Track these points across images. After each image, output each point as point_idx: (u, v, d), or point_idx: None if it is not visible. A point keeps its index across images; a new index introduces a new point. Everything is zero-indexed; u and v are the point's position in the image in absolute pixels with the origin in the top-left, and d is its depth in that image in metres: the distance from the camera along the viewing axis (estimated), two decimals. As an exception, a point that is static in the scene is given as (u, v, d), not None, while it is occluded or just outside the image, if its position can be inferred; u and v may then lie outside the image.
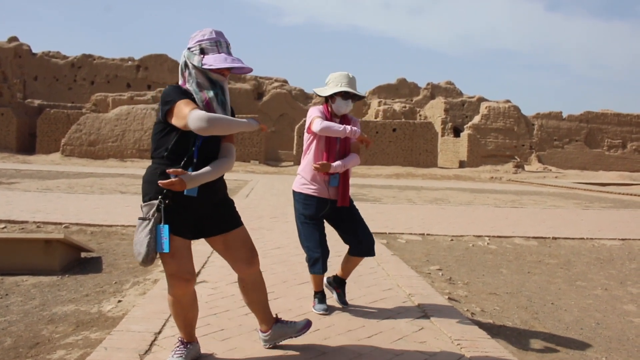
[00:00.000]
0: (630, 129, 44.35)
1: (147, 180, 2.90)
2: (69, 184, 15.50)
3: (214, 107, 2.84)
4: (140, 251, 2.77)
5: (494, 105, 37.71)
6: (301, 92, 45.11)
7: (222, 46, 2.86)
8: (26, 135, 34.38)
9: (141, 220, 2.81)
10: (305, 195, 4.03)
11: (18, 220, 8.06)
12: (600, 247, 8.30)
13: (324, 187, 4.03)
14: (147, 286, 4.92)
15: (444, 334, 3.67)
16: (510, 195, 18.03)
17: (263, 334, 3.30)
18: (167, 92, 2.83)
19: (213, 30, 2.87)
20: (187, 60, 2.87)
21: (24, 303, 4.42)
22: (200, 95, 2.83)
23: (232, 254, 3.09)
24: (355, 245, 4.11)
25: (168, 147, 2.83)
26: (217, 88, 2.87)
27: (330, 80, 4.08)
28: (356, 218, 4.14)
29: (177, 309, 2.94)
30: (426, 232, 8.65)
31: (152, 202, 2.80)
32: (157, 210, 2.78)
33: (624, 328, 4.47)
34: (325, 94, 4.03)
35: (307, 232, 4.02)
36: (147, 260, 2.77)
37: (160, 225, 2.78)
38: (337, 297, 4.29)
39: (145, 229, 2.78)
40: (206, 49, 2.84)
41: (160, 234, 2.77)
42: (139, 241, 2.79)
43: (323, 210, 4.04)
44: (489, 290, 5.44)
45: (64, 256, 5.56)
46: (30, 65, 44.71)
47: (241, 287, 3.22)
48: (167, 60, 44.95)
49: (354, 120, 4.20)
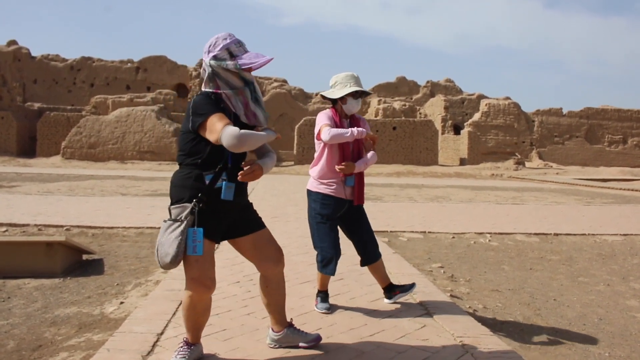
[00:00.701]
0: (630, 125, 44.30)
1: (179, 184, 2.92)
2: (69, 187, 15.51)
3: (252, 107, 2.94)
4: (168, 252, 2.77)
5: (493, 102, 37.69)
6: (301, 91, 45.09)
7: (244, 45, 2.95)
8: (26, 139, 34.39)
9: (171, 222, 2.83)
10: (323, 195, 4.04)
11: (19, 223, 8.06)
12: (602, 242, 8.29)
13: (341, 187, 4.06)
14: (149, 287, 4.92)
15: (447, 331, 3.67)
16: (511, 192, 18.02)
17: (275, 333, 3.30)
18: (199, 104, 2.86)
19: (229, 33, 2.95)
20: (215, 68, 2.91)
21: (26, 306, 4.42)
22: (239, 97, 2.92)
23: (260, 253, 3.13)
24: (361, 252, 4.20)
25: (204, 155, 2.87)
26: (250, 85, 2.96)
27: (337, 82, 4.10)
28: (364, 221, 4.20)
29: (191, 312, 2.94)
30: (427, 230, 8.65)
31: (185, 204, 2.83)
32: (190, 213, 2.80)
33: (627, 323, 4.47)
34: (337, 95, 4.05)
35: (323, 232, 4.03)
36: (174, 261, 2.77)
37: (194, 228, 2.80)
38: (405, 292, 4.27)
39: (176, 231, 2.79)
40: (234, 51, 2.91)
41: (194, 237, 2.79)
42: (166, 242, 2.79)
43: (341, 210, 4.08)
44: (491, 287, 5.44)
45: (65, 259, 5.56)
46: (29, 68, 44.71)
47: (264, 287, 3.23)
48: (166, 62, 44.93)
49: (363, 120, 4.24)
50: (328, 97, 4.11)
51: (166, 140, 30.87)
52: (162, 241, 2.81)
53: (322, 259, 4.02)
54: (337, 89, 4.07)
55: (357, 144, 4.11)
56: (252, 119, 2.96)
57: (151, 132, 31.18)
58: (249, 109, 2.94)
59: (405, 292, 4.27)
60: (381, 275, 4.31)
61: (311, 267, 5.60)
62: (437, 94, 45.91)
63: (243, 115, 2.94)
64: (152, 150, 30.97)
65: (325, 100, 4.19)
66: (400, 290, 4.29)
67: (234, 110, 2.92)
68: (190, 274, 2.85)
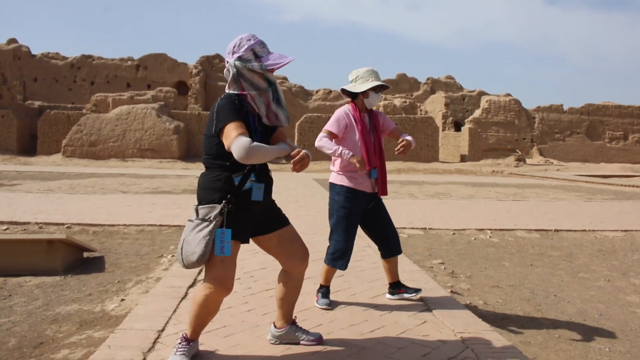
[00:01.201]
0: (631, 121, 44.24)
1: (208, 187, 2.93)
2: (70, 185, 15.52)
3: (274, 107, 2.99)
4: (195, 250, 2.79)
5: (494, 99, 37.64)
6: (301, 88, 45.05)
7: (266, 46, 3.01)
8: (27, 137, 34.39)
9: (198, 221, 2.84)
10: (348, 188, 4.07)
11: (20, 221, 8.07)
12: (603, 238, 8.29)
13: (366, 180, 4.10)
14: (150, 284, 4.93)
15: (447, 327, 3.67)
16: (511, 189, 18.02)
17: (276, 329, 3.31)
18: (221, 108, 2.90)
19: (252, 34, 2.99)
20: (240, 69, 2.94)
21: (27, 303, 4.43)
22: (262, 98, 2.96)
23: (287, 249, 3.17)
24: (384, 245, 4.22)
25: (232, 158, 2.88)
26: (273, 86, 3.01)
27: (357, 77, 4.15)
28: (386, 213, 4.26)
29: (202, 311, 2.95)
30: (428, 226, 8.65)
31: (215, 205, 2.85)
32: (219, 214, 2.83)
33: (627, 319, 4.47)
34: (361, 89, 4.09)
35: (342, 226, 4.05)
36: (201, 260, 2.80)
37: (223, 228, 2.83)
38: (409, 294, 4.29)
39: (204, 230, 2.81)
40: (258, 52, 2.96)
41: (222, 238, 2.82)
42: (193, 241, 2.81)
43: (367, 203, 4.13)
44: (491, 283, 5.44)
45: (66, 256, 5.57)
46: (29, 66, 44.69)
47: (284, 282, 3.24)
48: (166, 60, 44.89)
49: (382, 115, 4.32)
50: (350, 91, 4.15)
51: (167, 138, 30.87)
52: (188, 240, 2.84)
53: (335, 251, 4.04)
54: (359, 84, 4.13)
55: (377, 137, 4.17)
56: (273, 120, 3.02)
57: (152, 130, 31.18)
58: (271, 110, 2.99)
59: (409, 294, 4.29)
60: (394, 270, 4.34)
61: (313, 263, 5.61)
62: (437, 91, 45.86)
63: (265, 116, 2.98)
64: (152, 148, 30.97)
65: (345, 94, 4.23)
66: (405, 290, 4.31)
67: (257, 111, 2.97)
68: (214, 274, 2.86)
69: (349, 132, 4.10)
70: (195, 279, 4.69)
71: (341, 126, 4.08)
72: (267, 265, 5.34)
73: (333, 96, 44.03)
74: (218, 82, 42.53)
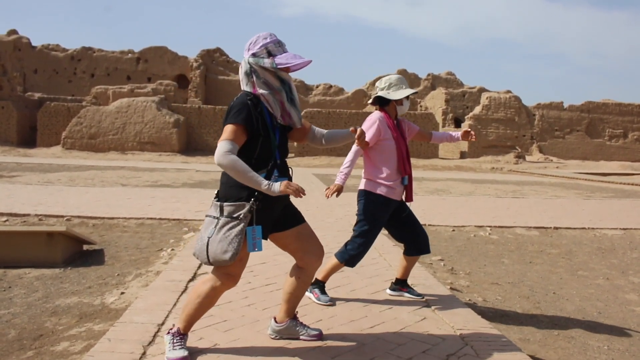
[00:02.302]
0: (631, 119, 44.23)
1: (234, 184, 2.91)
2: (70, 177, 15.51)
3: (287, 107, 3.00)
4: (227, 249, 2.80)
5: (494, 95, 37.60)
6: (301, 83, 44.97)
7: (283, 45, 3.00)
8: (27, 129, 34.34)
9: (227, 219, 2.85)
10: (385, 198, 4.06)
11: (20, 213, 8.07)
12: (602, 236, 8.30)
13: (400, 188, 4.13)
14: (150, 278, 4.93)
15: (446, 323, 3.68)
16: (511, 186, 18.02)
17: (277, 324, 3.31)
18: (233, 107, 2.92)
19: (271, 33, 2.99)
20: (253, 65, 2.95)
21: (27, 295, 4.43)
22: (275, 97, 2.97)
23: (304, 245, 3.18)
24: (413, 244, 4.22)
25: (255, 155, 2.92)
26: (287, 86, 3.01)
27: (391, 84, 4.12)
28: (413, 214, 4.27)
29: (206, 304, 2.98)
30: (427, 223, 8.65)
31: (243, 202, 2.86)
32: (249, 212, 2.84)
33: (626, 317, 4.48)
34: (397, 97, 4.09)
35: (372, 234, 4.07)
36: (234, 258, 2.82)
37: (253, 226, 2.86)
38: (411, 294, 4.30)
39: (236, 229, 2.83)
40: (272, 50, 2.96)
41: (253, 235, 2.85)
42: (224, 239, 2.82)
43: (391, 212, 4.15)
44: (490, 280, 5.45)
45: (66, 249, 5.57)
46: (29, 58, 44.57)
47: (296, 277, 3.25)
48: (167, 53, 44.79)
49: (406, 121, 4.35)
50: (391, 98, 4.10)
51: (166, 131, 30.83)
52: (216, 238, 2.84)
53: (356, 254, 4.04)
54: (393, 91, 4.12)
55: (406, 144, 4.21)
56: (286, 119, 3.03)
57: (152, 123, 31.14)
58: (285, 110, 3.00)
59: (410, 295, 4.29)
60: (409, 268, 4.35)
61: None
62: (438, 87, 45.81)
63: (279, 116, 3.00)
64: (152, 141, 30.93)
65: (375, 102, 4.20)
66: (408, 290, 4.32)
67: (272, 111, 2.98)
68: (231, 270, 2.91)
69: (384, 139, 4.09)
70: (196, 273, 4.69)
71: (379, 134, 4.07)
72: (267, 260, 5.34)
73: (333, 91, 43.97)
74: (219, 76, 42.45)
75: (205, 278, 3.00)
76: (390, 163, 4.08)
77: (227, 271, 2.91)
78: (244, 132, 2.88)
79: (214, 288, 2.93)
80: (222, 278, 2.92)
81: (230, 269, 2.91)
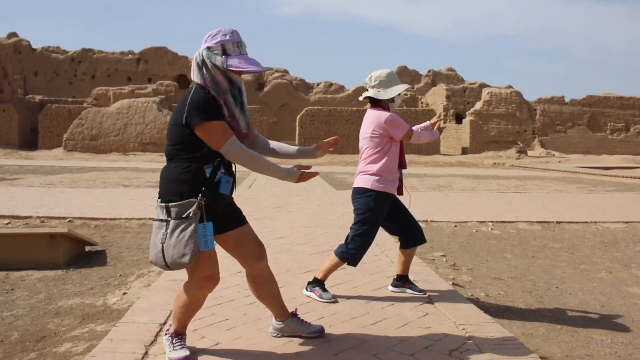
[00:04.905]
0: (633, 112, 44.13)
1: (176, 179, 2.77)
2: (72, 179, 15.53)
3: (233, 109, 2.85)
4: (185, 252, 2.68)
5: (495, 91, 37.55)
6: (302, 81, 44.95)
7: (242, 47, 2.84)
8: (28, 131, 34.41)
9: (177, 221, 2.71)
10: (386, 194, 4.05)
11: (22, 215, 8.08)
12: (605, 230, 8.29)
13: (397, 182, 4.14)
14: (152, 278, 4.93)
15: (449, 319, 3.68)
16: (513, 181, 18.00)
17: (277, 322, 3.29)
18: (200, 102, 2.75)
19: (233, 30, 2.83)
20: (205, 59, 2.80)
21: (29, 297, 4.44)
22: (219, 97, 2.82)
23: (243, 250, 3.05)
24: (410, 236, 4.24)
25: (203, 149, 2.78)
26: (235, 89, 2.85)
27: (380, 82, 4.08)
28: (404, 207, 4.29)
29: (193, 307, 2.92)
30: (430, 219, 8.65)
31: (191, 200, 2.73)
32: (197, 209, 2.72)
33: (629, 310, 4.47)
34: (391, 95, 4.06)
35: (373, 232, 4.07)
36: (192, 260, 2.71)
37: (203, 223, 2.74)
38: (413, 290, 4.29)
39: (188, 229, 2.69)
40: (228, 49, 2.80)
41: (205, 232, 2.74)
42: (179, 242, 2.69)
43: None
44: (493, 275, 5.44)
45: (68, 250, 5.57)
46: (30, 60, 44.64)
47: (251, 283, 3.17)
48: (167, 53, 44.82)
49: None
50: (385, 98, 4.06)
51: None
52: (172, 243, 2.70)
53: (359, 253, 4.03)
54: (384, 89, 4.08)
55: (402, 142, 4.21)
56: (234, 124, 2.87)
57: (153, 124, 31.17)
58: (231, 112, 2.84)
59: (412, 291, 4.28)
60: (408, 263, 4.35)
61: (313, 256, 5.61)
62: (438, 83, 45.76)
63: (227, 117, 2.84)
64: (154, 141, 30.97)
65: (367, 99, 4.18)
66: (410, 286, 4.31)
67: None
68: (204, 272, 2.80)
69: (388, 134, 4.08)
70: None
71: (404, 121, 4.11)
72: (269, 259, 5.32)
73: (334, 89, 43.95)
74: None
75: (185, 287, 2.91)
76: (393, 157, 4.08)
77: (204, 274, 2.80)
78: (227, 125, 2.79)
79: (195, 295, 2.86)
80: (200, 283, 2.82)
81: (205, 271, 2.79)
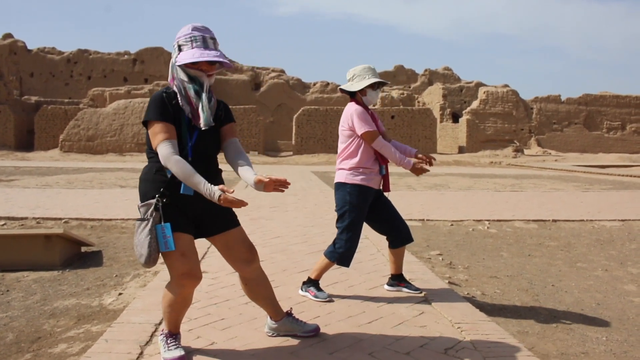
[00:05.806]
0: (629, 111, 44.21)
1: (143, 179, 2.86)
2: (68, 180, 15.49)
3: (196, 107, 2.81)
4: (142, 253, 2.73)
5: (492, 90, 37.58)
6: (299, 81, 44.93)
7: (197, 41, 2.78)
8: (24, 132, 34.32)
9: (140, 222, 2.76)
10: (361, 187, 4.01)
11: (18, 216, 8.05)
12: (601, 228, 8.30)
13: (377, 177, 4.11)
14: (148, 278, 4.93)
15: (445, 317, 3.68)
16: (509, 180, 18.03)
17: (273, 322, 3.29)
18: (150, 101, 2.82)
19: (191, 26, 2.81)
20: (172, 58, 2.88)
21: (25, 298, 4.43)
22: (185, 93, 2.82)
23: (232, 254, 3.03)
24: (396, 235, 4.21)
25: None
26: (197, 84, 2.83)
27: (354, 75, 4.10)
28: (392, 206, 4.26)
29: (179, 306, 2.90)
30: (426, 218, 8.66)
31: (150, 201, 2.75)
32: (155, 210, 2.73)
33: (625, 308, 4.48)
34: (358, 88, 4.05)
35: (356, 227, 4.04)
36: (149, 261, 2.74)
37: (161, 224, 2.73)
38: (409, 289, 4.28)
39: (145, 230, 2.73)
40: (182, 45, 2.80)
41: (163, 233, 2.72)
42: (139, 243, 2.75)
43: (371, 200, 4.13)
44: (489, 274, 5.45)
45: (64, 251, 5.56)
46: (25, 61, 44.53)
47: (244, 285, 3.17)
48: (163, 53, 44.74)
49: (375, 114, 4.30)
50: (348, 91, 4.11)
51: (164, 132, 30.85)
52: (135, 242, 2.78)
53: (346, 251, 4.01)
54: (356, 82, 4.08)
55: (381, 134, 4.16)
56: (196, 120, 2.83)
57: (149, 124, 31.12)
58: (193, 108, 2.82)
59: (408, 290, 4.28)
60: (399, 262, 4.34)
61: (309, 256, 5.61)
62: (435, 82, 45.77)
63: (189, 113, 2.81)
64: (150, 142, 30.94)
65: (344, 93, 4.19)
66: (405, 285, 4.30)
67: (182, 107, 2.82)
68: (180, 270, 2.78)
69: None
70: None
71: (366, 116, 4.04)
72: (265, 259, 5.34)
73: (330, 89, 43.93)
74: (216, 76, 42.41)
75: (167, 287, 2.91)
76: (368, 151, 4.06)
77: (180, 272, 2.77)
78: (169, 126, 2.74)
79: (178, 294, 2.84)
80: (179, 281, 2.80)
81: (180, 269, 2.77)
